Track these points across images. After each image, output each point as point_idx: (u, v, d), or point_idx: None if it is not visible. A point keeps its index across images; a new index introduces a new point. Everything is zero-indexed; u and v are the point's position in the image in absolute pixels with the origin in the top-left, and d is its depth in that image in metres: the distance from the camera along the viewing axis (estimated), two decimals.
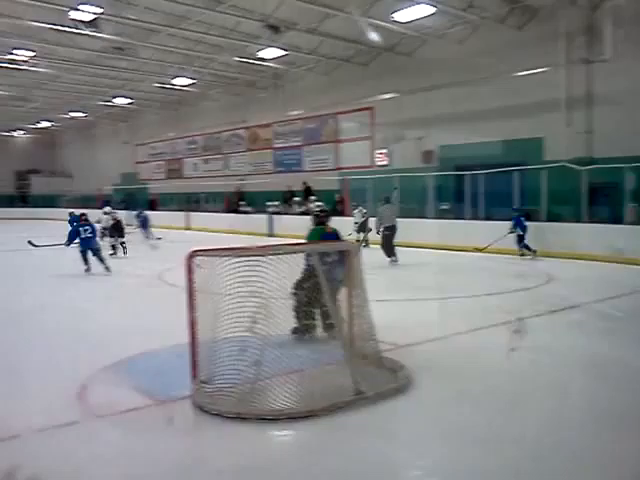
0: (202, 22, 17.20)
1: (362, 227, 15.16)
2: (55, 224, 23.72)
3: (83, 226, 11.21)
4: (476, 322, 6.67)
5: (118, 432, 3.78)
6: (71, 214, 17.09)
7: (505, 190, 14.59)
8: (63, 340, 6.11)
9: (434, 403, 4.28)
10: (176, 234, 21.62)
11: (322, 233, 6.14)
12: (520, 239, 13.19)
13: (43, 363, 5.26)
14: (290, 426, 3.82)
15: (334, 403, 4.02)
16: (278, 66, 21.28)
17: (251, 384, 4.07)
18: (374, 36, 16.00)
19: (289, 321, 4.99)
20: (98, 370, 4.90)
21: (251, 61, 20.48)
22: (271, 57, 19.64)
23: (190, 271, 4.33)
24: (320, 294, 4.55)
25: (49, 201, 37.20)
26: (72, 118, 34.15)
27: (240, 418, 3.83)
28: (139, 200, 29.35)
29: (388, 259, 12.30)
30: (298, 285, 4.77)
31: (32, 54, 20.17)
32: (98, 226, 13.11)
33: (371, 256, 9.58)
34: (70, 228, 12.11)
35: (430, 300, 8.27)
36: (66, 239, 11.31)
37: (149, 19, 16.88)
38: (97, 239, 11.64)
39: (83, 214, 11.81)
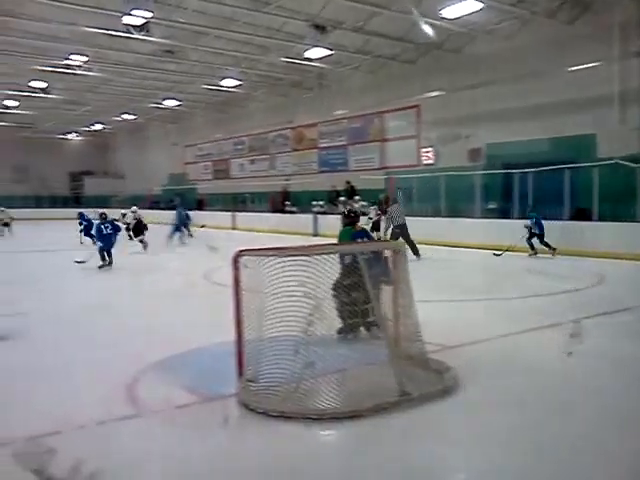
0: (249, 23, 17.38)
1: (375, 225, 16.31)
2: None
3: (104, 224, 11.72)
4: (524, 324, 6.53)
5: (168, 428, 3.85)
6: (80, 214, 17.94)
7: (555, 188, 14.23)
8: (115, 337, 6.27)
9: (481, 405, 4.21)
10: (223, 234, 21.92)
11: (352, 232, 6.33)
12: (540, 238, 13.26)
13: (96, 358, 5.42)
14: (334, 426, 3.83)
15: (379, 404, 4.01)
16: (324, 66, 21.32)
17: (296, 383, 4.09)
18: (428, 31, 15.88)
19: (334, 321, 5.00)
20: (148, 366, 5.02)
21: (297, 61, 20.60)
22: (317, 57, 19.69)
23: (236, 270, 4.39)
24: (361, 293, 4.57)
25: (101, 201, 38.18)
26: (123, 120, 35.07)
27: (285, 417, 3.85)
28: (188, 200, 29.92)
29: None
30: (338, 284, 4.77)
31: (86, 59, 20.82)
32: (122, 223, 14.25)
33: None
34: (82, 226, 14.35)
35: (477, 301, 8.14)
36: (96, 239, 12.04)
37: (197, 22, 17.19)
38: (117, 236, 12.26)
39: (103, 213, 12.34)
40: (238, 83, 24.31)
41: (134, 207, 18.28)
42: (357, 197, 19.98)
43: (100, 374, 4.92)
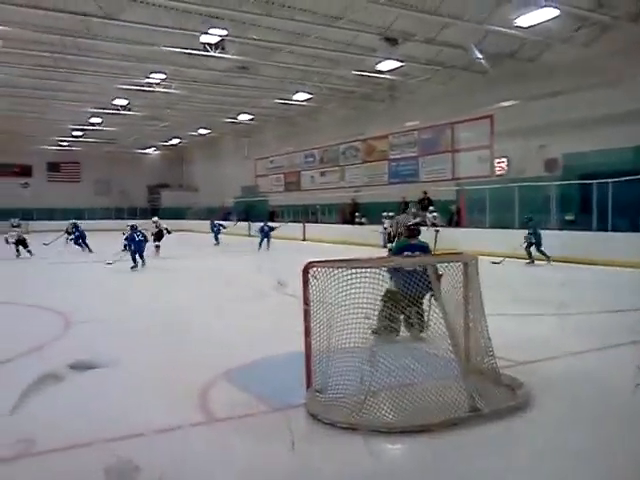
0: (320, 38, 17.64)
1: (390, 237, 17.75)
2: (180, 235, 25.22)
3: (135, 233, 14.35)
4: (600, 340, 6.26)
5: (235, 436, 3.91)
6: (74, 224, 21.70)
7: (637, 200, 13.58)
8: (185, 343, 6.46)
9: (553, 424, 4.07)
10: (293, 245, 22.19)
11: (405, 244, 6.58)
12: (537, 246, 14.22)
13: (169, 365, 5.59)
14: (403, 440, 3.79)
15: (448, 419, 3.95)
16: (394, 78, 21.31)
17: (364, 396, 4.09)
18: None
19: (404, 332, 4.98)
20: (217, 373, 5.13)
21: (368, 74, 20.69)
22: (388, 69, 19.72)
23: (306, 282, 4.45)
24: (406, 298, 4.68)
25: (177, 213, 39.68)
26: (199, 135, 36.28)
27: (352, 429, 3.85)
28: (259, 212, 30.57)
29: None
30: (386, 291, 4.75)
31: (164, 77, 21.74)
32: (148, 232, 16.28)
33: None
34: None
35: (551, 315, 7.85)
36: (127, 246, 14.23)
37: (270, 38, 17.60)
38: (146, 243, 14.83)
39: (134, 225, 15.02)
40: (309, 97, 24.66)
41: (155, 217, 21.15)
42: (431, 208, 19.77)
43: (173, 380, 5.06)
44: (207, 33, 16.46)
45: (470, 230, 17.67)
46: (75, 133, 35.27)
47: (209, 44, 17.36)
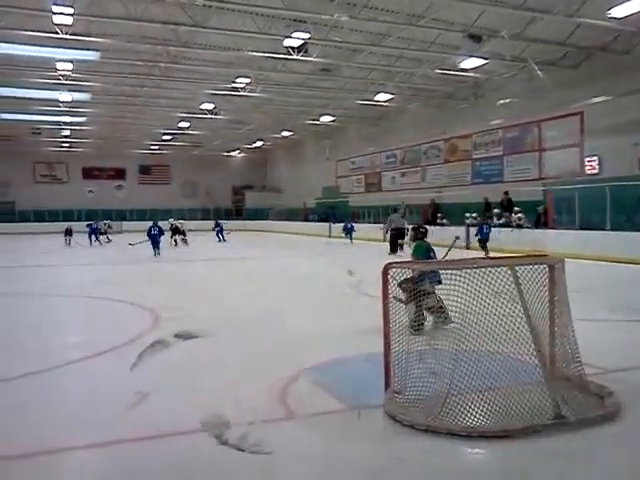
0: (403, 38, 17.55)
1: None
2: (263, 235, 25.77)
3: (153, 227, 19.04)
4: None
5: (313, 433, 3.97)
6: (88, 225, 26.58)
7: None
8: (264, 339, 6.60)
9: None
10: (373, 246, 22.14)
11: (427, 247, 7.17)
12: (481, 242, 16.51)
13: (253, 359, 5.77)
14: (483, 445, 3.72)
15: (531, 425, 3.84)
16: (478, 75, 20.85)
17: (443, 398, 4.06)
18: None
19: (485, 337, 4.88)
20: (296, 370, 5.23)
21: (451, 72, 20.36)
22: (472, 67, 19.32)
23: (385, 282, 4.46)
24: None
25: (260, 214, 40.61)
26: (282, 137, 36.94)
27: (431, 431, 3.83)
28: (341, 212, 30.80)
29: (390, 254, 16.83)
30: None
31: (249, 81, 22.32)
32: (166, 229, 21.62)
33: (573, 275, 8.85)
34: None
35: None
36: (146, 238, 19.05)
37: (352, 39, 17.69)
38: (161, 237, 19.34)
39: (155, 222, 19.60)
40: (391, 97, 24.54)
41: (171, 219, 26.79)
42: (516, 208, 19.19)
43: (256, 374, 5.22)
44: (290, 37, 16.78)
45: (558, 232, 16.99)
46: (165, 137, 36.85)
47: (292, 47, 17.67)
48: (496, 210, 20.25)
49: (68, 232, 25.23)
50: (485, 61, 18.57)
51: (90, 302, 9.75)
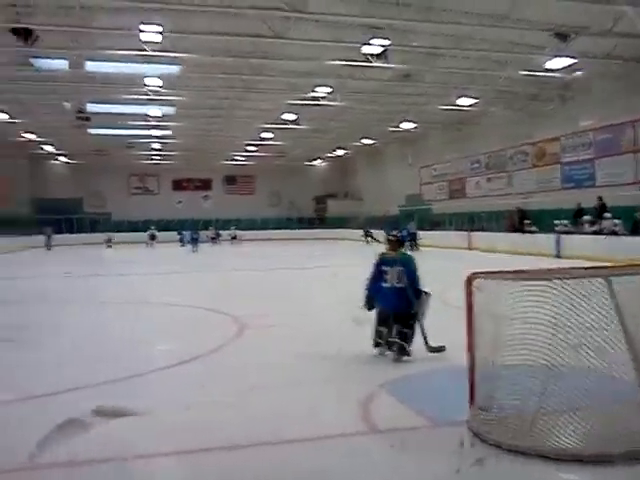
0: (485, 39, 17.08)
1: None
2: (344, 243, 25.79)
3: (193, 233, 26.54)
4: None
5: (396, 450, 3.85)
6: (179, 232, 34.81)
7: None
8: (344, 353, 6.50)
9: None
10: (457, 254, 21.63)
11: (383, 258, 6.28)
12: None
13: (337, 372, 5.72)
14: (575, 469, 3.46)
15: (632, 450, 3.53)
16: (566, 76, 19.94)
17: (532, 417, 3.82)
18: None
19: (577, 352, 4.57)
20: (378, 384, 5.12)
21: (537, 74, 19.60)
22: (559, 67, 18.52)
23: (469, 293, 4.27)
24: None
25: (342, 222, 40.70)
26: (363, 145, 36.91)
27: (518, 452, 3.61)
28: (424, 220, 30.39)
29: None
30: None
31: (329, 90, 22.47)
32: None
33: None
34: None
35: None
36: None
37: (433, 44, 17.41)
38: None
39: (196, 229, 26.46)
40: (474, 101, 23.97)
41: (211, 227, 36.15)
42: (607, 214, 18.16)
43: (338, 388, 5.17)
44: (369, 44, 16.71)
45: None
46: (249, 148, 37.73)
47: (371, 54, 17.60)
48: (586, 217, 19.25)
49: (152, 237, 32.55)
50: (573, 60, 17.73)
51: (180, 310, 10.06)
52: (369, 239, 31.40)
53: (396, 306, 5.99)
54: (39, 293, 12.52)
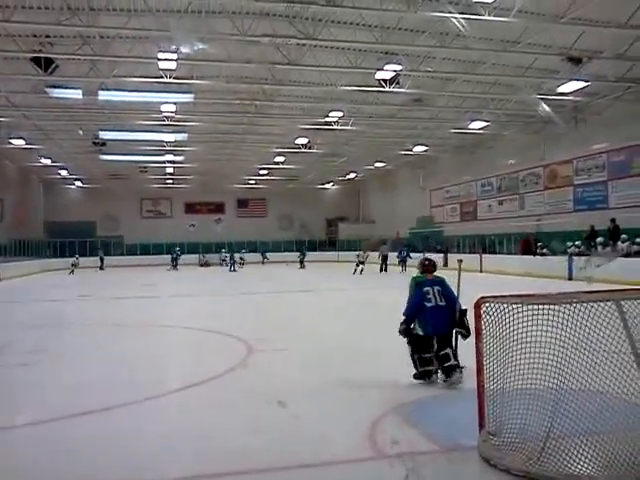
0: (497, 64, 17.22)
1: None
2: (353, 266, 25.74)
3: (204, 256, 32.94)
4: None
5: (403, 475, 3.84)
6: (171, 252, 36.10)
7: None
8: (354, 375, 6.50)
9: None
10: (468, 276, 21.50)
11: (423, 280, 6.28)
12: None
13: (345, 395, 5.68)
14: None
15: None
16: (579, 99, 20.00)
17: (542, 442, 3.79)
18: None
19: (588, 375, 4.54)
20: (388, 407, 5.10)
21: (549, 97, 19.68)
22: (571, 90, 18.58)
23: (478, 317, 4.27)
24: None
25: (353, 245, 40.69)
26: (375, 168, 37.07)
27: (529, 478, 3.58)
28: (434, 243, 30.31)
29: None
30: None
31: (342, 114, 22.67)
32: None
33: None
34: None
35: None
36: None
37: (445, 69, 17.58)
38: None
39: (203, 254, 35.10)
40: (485, 124, 24.06)
41: (223, 250, 37.69)
42: (624, 236, 18.04)
43: (344, 411, 5.15)
44: (382, 69, 16.91)
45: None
46: (261, 172, 38.02)
47: (384, 80, 17.79)
48: (599, 239, 19.12)
49: (174, 259, 34.10)
50: (586, 83, 17.80)
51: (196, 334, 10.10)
52: (361, 267, 25.62)
53: (442, 325, 5.88)
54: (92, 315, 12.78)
